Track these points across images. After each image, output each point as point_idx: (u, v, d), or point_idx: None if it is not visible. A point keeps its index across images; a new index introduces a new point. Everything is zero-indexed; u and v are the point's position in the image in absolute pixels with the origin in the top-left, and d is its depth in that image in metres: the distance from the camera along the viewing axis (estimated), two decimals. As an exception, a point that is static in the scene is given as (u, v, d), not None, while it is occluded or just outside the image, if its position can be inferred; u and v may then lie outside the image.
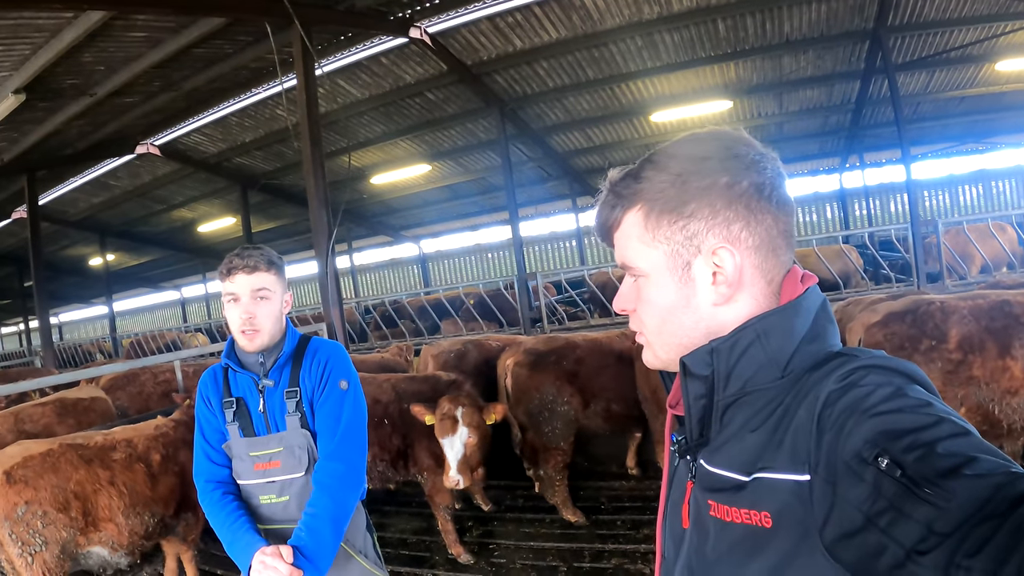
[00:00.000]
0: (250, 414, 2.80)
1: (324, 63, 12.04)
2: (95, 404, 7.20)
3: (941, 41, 14.04)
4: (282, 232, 25.66)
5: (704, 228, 1.15)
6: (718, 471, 1.14)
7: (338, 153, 16.66)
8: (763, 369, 1.11)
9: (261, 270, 2.73)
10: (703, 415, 1.18)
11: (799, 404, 1.05)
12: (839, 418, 0.96)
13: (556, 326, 13.73)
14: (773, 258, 1.17)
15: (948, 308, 4.83)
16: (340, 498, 2.70)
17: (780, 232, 1.17)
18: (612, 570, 5.32)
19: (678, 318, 1.20)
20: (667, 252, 1.18)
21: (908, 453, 0.87)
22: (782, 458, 1.03)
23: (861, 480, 0.91)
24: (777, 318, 1.13)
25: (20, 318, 33.53)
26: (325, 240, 9.59)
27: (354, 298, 23.22)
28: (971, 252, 12.38)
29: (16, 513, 4.19)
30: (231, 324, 2.76)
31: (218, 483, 2.81)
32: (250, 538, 2.57)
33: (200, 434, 2.88)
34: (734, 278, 1.15)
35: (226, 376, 2.88)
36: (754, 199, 1.15)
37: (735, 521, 1.09)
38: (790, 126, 18.97)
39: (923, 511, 0.84)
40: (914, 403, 0.94)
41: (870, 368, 1.02)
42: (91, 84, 12.07)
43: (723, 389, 1.14)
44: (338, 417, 2.78)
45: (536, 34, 13.53)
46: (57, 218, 22.28)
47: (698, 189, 1.15)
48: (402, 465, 5.89)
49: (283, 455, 2.76)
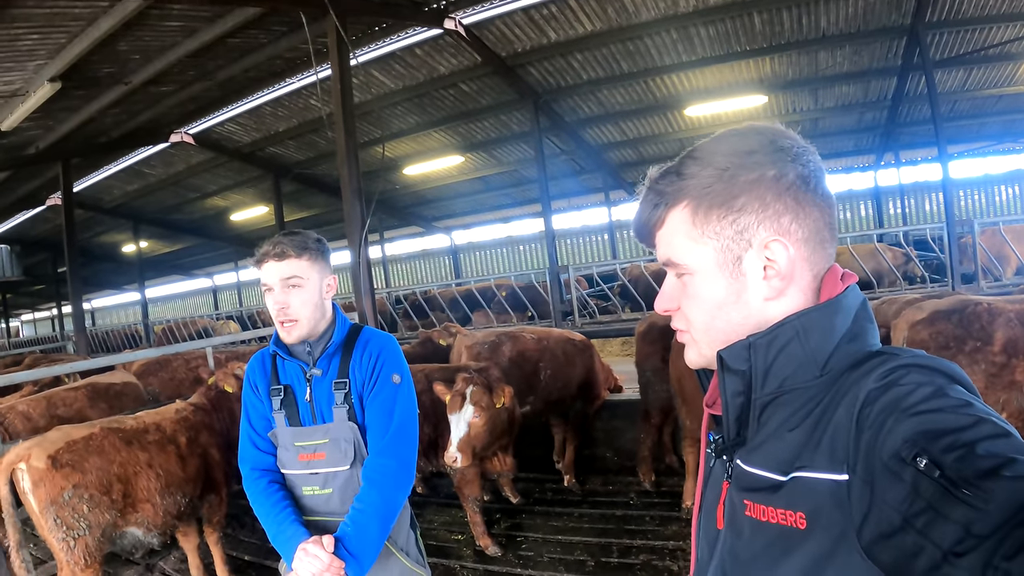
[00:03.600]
0: (297, 403, 2.74)
1: (359, 53, 12.04)
2: (127, 389, 7.29)
3: (979, 38, 13.82)
4: (314, 222, 25.76)
5: (755, 222, 1.14)
6: (755, 471, 1.13)
7: (372, 143, 16.74)
8: (802, 367, 1.10)
9: (290, 257, 2.66)
10: (740, 413, 1.16)
11: (838, 403, 1.03)
12: (878, 417, 0.95)
13: (587, 319, 13.72)
14: (820, 251, 1.16)
15: (995, 310, 4.73)
16: (389, 495, 2.64)
17: (826, 224, 1.16)
18: (640, 566, 5.29)
19: (727, 314, 1.19)
20: (717, 247, 1.17)
21: (947, 453, 0.86)
22: (820, 457, 1.02)
23: (900, 480, 0.89)
24: (818, 315, 1.12)
25: (53, 303, 34.02)
26: (358, 230, 9.60)
27: (385, 288, 23.30)
28: (1007, 253, 12.20)
29: (63, 497, 4.24)
30: (272, 314, 2.71)
31: (264, 471, 2.77)
32: (294, 530, 2.55)
33: (247, 420, 2.84)
34: (787, 271, 1.14)
35: (274, 363, 2.82)
36: (801, 191, 1.14)
37: (770, 521, 1.08)
38: (825, 122, 18.73)
39: (961, 512, 0.83)
40: (955, 403, 0.93)
41: (911, 367, 1.00)
42: (126, 72, 12.17)
43: (761, 387, 1.13)
44: (390, 412, 2.72)
45: (571, 26, 13.47)
46: (91, 205, 22.59)
47: (746, 182, 1.14)
48: (432, 455, 5.89)
49: (328, 447, 2.70)
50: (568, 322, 13.32)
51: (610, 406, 7.72)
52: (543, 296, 15.11)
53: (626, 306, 14.86)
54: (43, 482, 4.23)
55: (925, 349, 3.03)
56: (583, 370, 7.33)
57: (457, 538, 6.19)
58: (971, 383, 1.01)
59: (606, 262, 20.26)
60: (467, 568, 5.59)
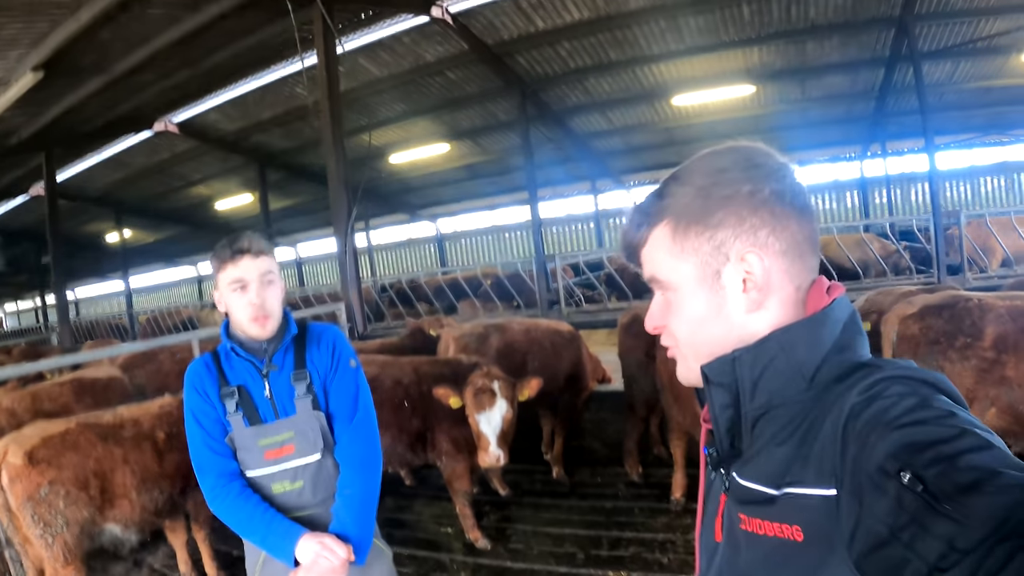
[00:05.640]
0: (254, 402, 2.71)
1: (345, 41, 11.97)
2: (112, 383, 7.22)
3: (968, 30, 13.90)
4: (299, 210, 25.77)
5: (731, 236, 1.16)
6: (749, 484, 1.14)
7: (358, 131, 16.68)
8: (789, 381, 1.11)
9: (265, 254, 2.68)
10: (731, 426, 1.18)
11: (824, 417, 1.04)
12: (863, 431, 0.96)
13: (573, 308, 13.72)
14: (800, 263, 1.17)
15: (986, 306, 4.72)
16: (370, 477, 2.72)
17: (805, 237, 1.18)
18: (630, 558, 5.28)
19: (709, 329, 1.21)
20: (696, 263, 1.19)
21: (930, 468, 0.86)
22: (809, 473, 1.03)
23: (885, 494, 0.89)
24: (803, 329, 1.13)
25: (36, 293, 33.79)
26: (344, 218, 9.56)
27: (370, 276, 23.28)
28: (992, 245, 12.29)
29: (39, 494, 4.20)
30: (238, 312, 2.66)
31: (231, 475, 2.70)
32: (287, 526, 2.52)
33: (199, 428, 2.73)
34: (764, 282, 1.15)
35: (218, 365, 2.77)
36: (777, 205, 1.15)
37: (767, 534, 1.09)
38: (813, 112, 18.76)
39: (944, 527, 0.83)
40: (937, 414, 0.93)
41: (894, 379, 1.01)
42: (109, 61, 12.09)
43: (749, 401, 1.14)
44: (355, 396, 2.79)
45: (559, 15, 13.47)
46: (75, 195, 22.46)
47: (722, 199, 1.17)
48: (420, 449, 5.85)
49: (296, 440, 2.68)
50: (555, 311, 13.31)
51: (598, 397, 7.70)
52: (529, 285, 15.12)
53: (612, 295, 14.86)
54: (19, 478, 4.18)
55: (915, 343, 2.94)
56: (571, 361, 7.29)
57: (447, 531, 6.16)
58: (957, 392, 1.02)
59: (592, 251, 20.32)
60: (457, 561, 5.56)
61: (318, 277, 31.54)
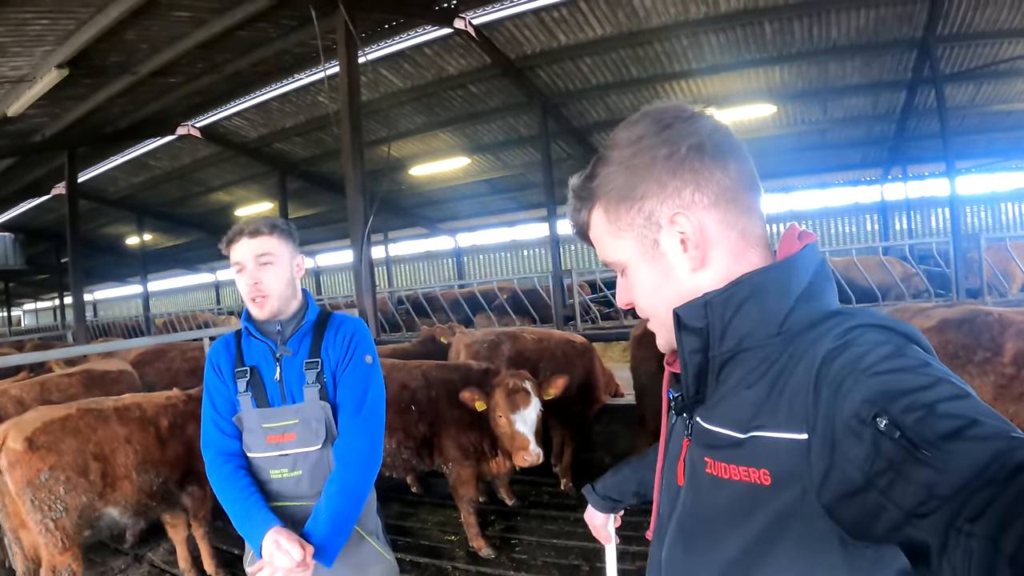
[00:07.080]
0: (264, 384, 2.71)
1: (368, 51, 12.03)
2: (122, 377, 7.24)
3: (990, 53, 13.81)
4: (318, 220, 25.83)
5: (657, 204, 1.19)
6: (715, 428, 1.15)
7: (378, 142, 16.72)
8: (759, 325, 1.12)
9: (263, 234, 2.69)
10: (699, 371, 1.19)
11: (796, 362, 1.05)
12: (837, 377, 0.96)
13: (589, 324, 13.70)
14: (734, 207, 1.18)
15: (1006, 321, 4.67)
16: (362, 475, 2.64)
17: (734, 181, 1.18)
18: (636, 572, 5.22)
19: (664, 296, 1.23)
20: (634, 238, 1.23)
21: (907, 414, 0.87)
22: (779, 417, 1.04)
23: (860, 440, 0.90)
24: (774, 273, 1.14)
25: (56, 293, 34.09)
26: (361, 228, 9.58)
27: (387, 288, 23.29)
28: (1012, 270, 12.19)
29: (39, 479, 4.20)
30: (242, 294, 2.71)
31: (229, 455, 2.71)
32: (263, 516, 2.47)
33: (210, 403, 2.77)
34: (700, 238, 1.17)
35: (239, 345, 2.80)
36: (696, 161, 1.16)
37: (732, 478, 1.10)
38: (833, 134, 18.72)
39: (923, 473, 0.83)
40: (913, 363, 0.94)
41: (868, 327, 1.02)
42: (134, 62, 12.18)
43: (719, 344, 1.15)
44: (364, 392, 2.71)
45: (581, 30, 13.49)
46: (96, 196, 22.64)
47: (643, 169, 1.19)
48: (427, 454, 5.82)
49: (298, 427, 2.66)
50: (570, 326, 13.29)
51: (609, 410, 7.65)
52: (545, 300, 15.11)
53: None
54: (19, 464, 4.19)
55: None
56: (582, 372, 7.25)
57: (451, 539, 6.12)
58: (929, 345, 1.04)
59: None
60: (460, 569, 5.52)
61: (335, 286, 31.64)
